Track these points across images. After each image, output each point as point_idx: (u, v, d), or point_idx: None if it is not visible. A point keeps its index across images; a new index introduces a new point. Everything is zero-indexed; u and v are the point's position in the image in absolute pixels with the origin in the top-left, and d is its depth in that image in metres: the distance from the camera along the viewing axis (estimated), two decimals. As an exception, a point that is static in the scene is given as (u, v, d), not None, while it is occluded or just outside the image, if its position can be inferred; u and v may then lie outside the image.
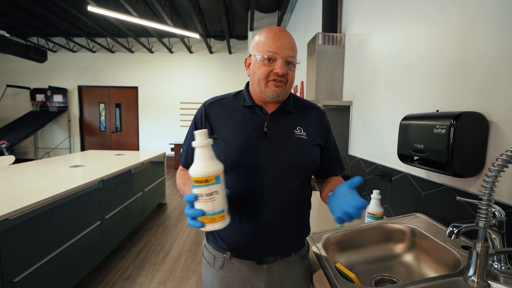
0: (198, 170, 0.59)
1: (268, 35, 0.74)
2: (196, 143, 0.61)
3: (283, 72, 0.72)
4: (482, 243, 0.58)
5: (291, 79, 0.76)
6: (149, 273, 2.23)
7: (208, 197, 0.59)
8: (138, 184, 2.98)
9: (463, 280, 0.61)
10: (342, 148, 1.97)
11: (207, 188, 0.59)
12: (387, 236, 0.98)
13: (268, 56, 0.72)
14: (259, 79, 0.75)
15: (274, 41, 0.72)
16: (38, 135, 7.10)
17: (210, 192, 0.59)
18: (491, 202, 0.56)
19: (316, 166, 0.83)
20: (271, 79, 0.74)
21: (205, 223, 0.60)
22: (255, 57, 0.75)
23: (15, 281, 1.37)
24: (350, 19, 1.88)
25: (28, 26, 5.95)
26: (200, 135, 0.61)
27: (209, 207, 0.60)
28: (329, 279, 0.72)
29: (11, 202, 1.48)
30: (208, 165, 0.60)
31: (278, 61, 0.72)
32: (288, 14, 4.44)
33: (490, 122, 0.82)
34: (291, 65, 0.75)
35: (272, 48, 0.72)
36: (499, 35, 0.79)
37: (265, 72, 0.74)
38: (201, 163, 0.60)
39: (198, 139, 0.61)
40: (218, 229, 0.62)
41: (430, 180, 1.07)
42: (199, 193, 0.60)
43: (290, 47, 0.73)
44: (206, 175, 0.59)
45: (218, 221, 0.61)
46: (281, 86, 0.75)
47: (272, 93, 0.75)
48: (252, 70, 0.78)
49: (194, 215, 0.60)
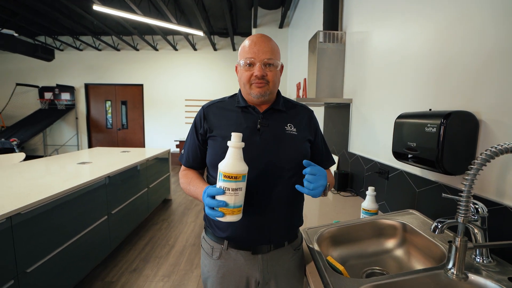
0: (230, 167, 0.67)
1: (247, 43, 0.82)
2: (231, 143, 0.69)
3: (261, 74, 0.79)
4: (461, 238, 0.61)
5: (272, 78, 0.82)
6: (154, 266, 2.30)
7: (233, 191, 0.67)
8: (143, 180, 3.05)
9: (444, 272, 0.65)
10: (342, 145, 1.99)
11: (234, 184, 0.67)
12: (380, 232, 1.01)
13: (247, 62, 0.80)
14: (243, 83, 0.83)
15: (251, 48, 0.80)
16: (47, 133, 7.26)
17: (237, 187, 0.67)
18: (470, 199, 0.59)
19: (307, 159, 0.87)
20: (253, 82, 0.81)
21: (225, 214, 0.68)
22: (240, 64, 0.83)
23: (28, 271, 1.45)
24: (351, 17, 1.89)
25: (36, 25, 6.06)
26: (236, 137, 0.69)
27: (232, 200, 0.67)
28: (319, 271, 0.76)
29: (23, 197, 1.56)
30: (240, 165, 0.68)
31: (257, 64, 0.80)
32: (292, 10, 4.43)
33: (480, 121, 0.84)
34: (271, 66, 0.81)
35: (250, 54, 0.80)
36: (490, 35, 0.81)
37: (247, 76, 0.82)
38: (234, 161, 0.68)
39: (233, 140, 0.69)
40: (233, 221, 0.69)
41: (423, 177, 1.09)
42: (227, 186, 0.67)
43: (266, 50, 0.80)
44: (237, 172, 0.67)
45: (236, 214, 0.69)
46: (263, 87, 0.82)
47: (256, 93, 0.82)
48: (239, 76, 0.86)
49: (218, 205, 0.67)
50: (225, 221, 0.69)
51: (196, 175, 0.91)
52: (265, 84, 0.81)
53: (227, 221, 0.68)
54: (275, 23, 4.87)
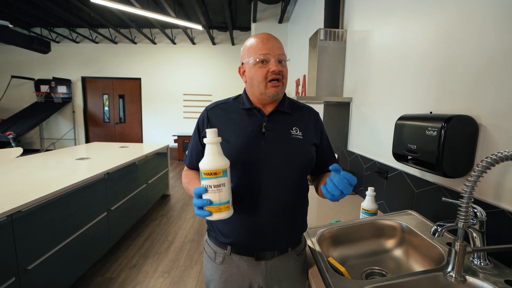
0: (208, 163, 0.66)
1: (257, 40, 0.80)
2: (207, 140, 0.68)
3: (278, 69, 0.78)
4: (461, 242, 0.63)
5: (285, 75, 0.82)
6: (154, 262, 2.33)
7: (216, 188, 0.66)
8: (142, 176, 3.05)
9: (443, 275, 0.67)
10: (342, 143, 2.01)
11: (215, 180, 0.66)
12: (379, 232, 1.03)
13: (261, 58, 0.78)
14: (258, 82, 0.80)
15: (264, 44, 0.79)
16: (44, 126, 7.20)
17: (218, 184, 0.66)
18: (470, 204, 0.60)
19: (312, 164, 0.87)
20: (269, 79, 0.79)
21: (212, 212, 0.67)
22: (249, 62, 0.81)
23: (28, 268, 1.46)
24: (352, 15, 1.88)
25: (31, 17, 5.94)
26: (211, 133, 0.68)
27: (216, 197, 0.67)
28: (321, 273, 0.78)
29: (23, 194, 1.56)
30: (217, 160, 0.67)
31: (272, 60, 0.78)
32: (292, 5, 4.39)
33: (479, 125, 0.85)
34: (283, 62, 0.81)
35: (264, 50, 0.78)
36: (491, 38, 0.81)
37: (262, 74, 0.79)
38: (211, 157, 0.67)
39: (209, 136, 0.68)
40: (223, 219, 0.69)
41: (423, 178, 1.11)
42: (208, 184, 0.66)
43: (279, 46, 0.80)
44: (215, 168, 0.66)
45: (224, 211, 0.68)
46: (278, 86, 0.81)
47: (273, 93, 0.81)
48: (249, 76, 0.83)
49: (202, 204, 0.66)
50: (214, 220, 0.68)
51: (196, 175, 0.91)
52: (281, 83, 0.81)
53: (215, 219, 0.68)
54: (274, 18, 4.82)
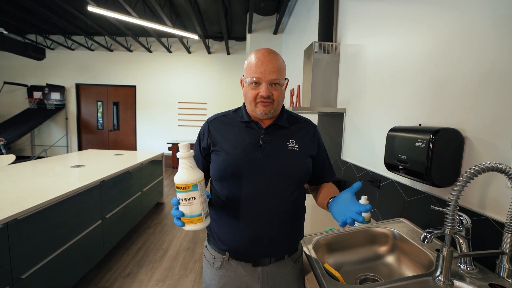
0: (179, 178, 0.69)
1: (254, 60, 0.82)
2: (179, 154, 0.70)
3: (267, 94, 0.81)
4: (448, 248, 0.67)
5: (277, 98, 0.84)
6: (148, 271, 2.31)
7: (186, 201, 0.69)
8: (137, 183, 3.04)
9: (432, 279, 0.71)
10: (335, 153, 2.06)
11: (186, 194, 0.68)
12: (372, 239, 1.07)
13: (253, 81, 0.82)
14: (249, 101, 0.85)
15: (257, 67, 0.81)
16: (35, 133, 7.09)
17: (188, 197, 0.69)
18: (456, 212, 0.65)
19: (308, 175, 0.91)
20: (259, 101, 0.83)
21: (185, 223, 0.71)
22: (245, 80, 0.85)
23: (22, 277, 1.44)
24: (345, 30, 1.96)
25: (26, 23, 5.94)
26: (183, 147, 0.70)
27: (188, 210, 0.70)
28: (317, 278, 0.81)
29: (18, 203, 1.55)
30: (188, 174, 0.69)
31: (263, 84, 0.81)
32: (287, 17, 4.52)
33: (465, 138, 0.91)
34: (277, 85, 0.83)
35: (257, 74, 0.81)
36: (479, 57, 0.88)
37: (253, 95, 0.83)
38: (183, 172, 0.69)
39: (181, 151, 0.70)
40: (197, 230, 0.72)
41: (413, 187, 1.16)
42: (180, 197, 0.70)
43: (273, 70, 0.81)
44: (185, 182, 0.68)
45: (196, 223, 0.71)
46: (268, 106, 0.83)
47: (261, 112, 0.84)
48: (244, 92, 0.88)
49: (175, 215, 0.71)
50: (187, 230, 0.71)
51: None
52: (270, 103, 0.83)
53: (188, 229, 0.71)
54: (269, 29, 4.94)
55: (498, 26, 0.80)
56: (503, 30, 0.79)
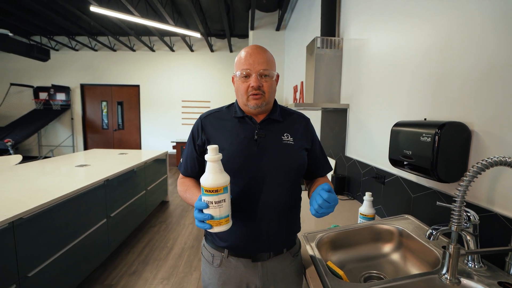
0: (209, 181, 0.68)
1: (243, 54, 0.84)
2: (208, 157, 0.69)
3: (257, 84, 0.82)
4: (454, 245, 0.65)
5: (268, 89, 0.84)
6: (154, 269, 2.32)
7: (217, 204, 0.68)
8: (141, 182, 3.06)
9: (438, 277, 0.69)
10: (339, 149, 2.04)
11: (216, 197, 0.68)
12: (377, 236, 1.05)
13: (243, 73, 0.83)
14: (241, 94, 0.85)
15: (246, 59, 0.82)
16: (42, 133, 7.19)
17: (219, 200, 0.68)
18: (462, 208, 0.63)
19: (303, 168, 0.91)
20: (250, 93, 0.83)
21: (213, 225, 0.70)
22: (236, 75, 0.85)
23: (29, 275, 1.46)
24: (348, 24, 1.93)
25: (31, 25, 6.00)
26: (212, 150, 0.69)
27: (217, 212, 0.69)
28: (320, 276, 0.79)
29: (24, 201, 1.56)
30: (219, 177, 0.68)
31: (252, 75, 0.82)
32: (289, 13, 4.47)
33: (472, 131, 0.88)
34: (266, 77, 0.84)
35: (246, 65, 0.82)
36: (484, 50, 0.85)
37: (244, 87, 0.84)
38: (212, 175, 0.68)
39: (210, 154, 0.69)
40: (223, 231, 0.72)
41: (419, 183, 1.14)
42: (209, 200, 0.68)
43: (262, 61, 0.82)
44: (217, 186, 0.68)
45: (224, 224, 0.70)
46: (259, 98, 0.84)
47: (253, 105, 0.84)
48: (236, 87, 0.88)
49: (203, 218, 0.69)
50: (214, 232, 0.71)
51: (193, 183, 0.93)
52: (261, 95, 0.83)
53: (216, 231, 0.71)
54: (272, 26, 4.90)
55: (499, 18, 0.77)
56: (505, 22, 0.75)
